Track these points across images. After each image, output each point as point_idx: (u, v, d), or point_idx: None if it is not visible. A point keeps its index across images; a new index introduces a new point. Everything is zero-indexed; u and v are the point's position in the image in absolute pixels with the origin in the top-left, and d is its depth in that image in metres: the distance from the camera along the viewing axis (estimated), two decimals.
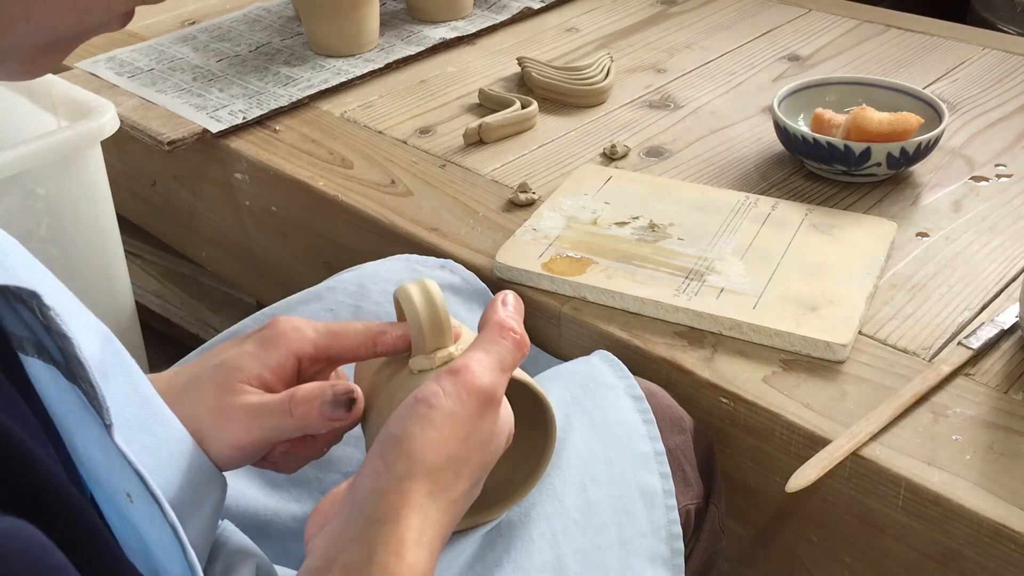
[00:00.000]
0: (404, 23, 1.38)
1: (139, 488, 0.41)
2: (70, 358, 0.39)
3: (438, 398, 0.46)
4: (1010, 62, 1.21)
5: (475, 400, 0.47)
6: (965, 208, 0.93)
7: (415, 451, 0.45)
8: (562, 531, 0.61)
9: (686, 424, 0.72)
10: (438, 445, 0.46)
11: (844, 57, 1.24)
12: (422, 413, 0.46)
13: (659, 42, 1.31)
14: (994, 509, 0.63)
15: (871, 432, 0.68)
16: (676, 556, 0.65)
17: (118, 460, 0.41)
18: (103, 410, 0.40)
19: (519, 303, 0.53)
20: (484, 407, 0.47)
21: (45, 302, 0.37)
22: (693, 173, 1.00)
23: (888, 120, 0.92)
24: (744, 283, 0.81)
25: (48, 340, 0.39)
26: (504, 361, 0.49)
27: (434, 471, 0.45)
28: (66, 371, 0.39)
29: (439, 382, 0.47)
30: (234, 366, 0.54)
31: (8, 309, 0.38)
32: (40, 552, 0.33)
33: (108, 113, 1.02)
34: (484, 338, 0.50)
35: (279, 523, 0.65)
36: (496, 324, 0.50)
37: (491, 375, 0.48)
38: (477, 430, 0.47)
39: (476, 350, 0.49)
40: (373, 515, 0.44)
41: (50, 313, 0.38)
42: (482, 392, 0.47)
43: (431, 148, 1.08)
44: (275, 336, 0.54)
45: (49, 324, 0.38)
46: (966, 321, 0.79)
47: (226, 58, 1.30)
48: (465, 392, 0.47)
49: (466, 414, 0.47)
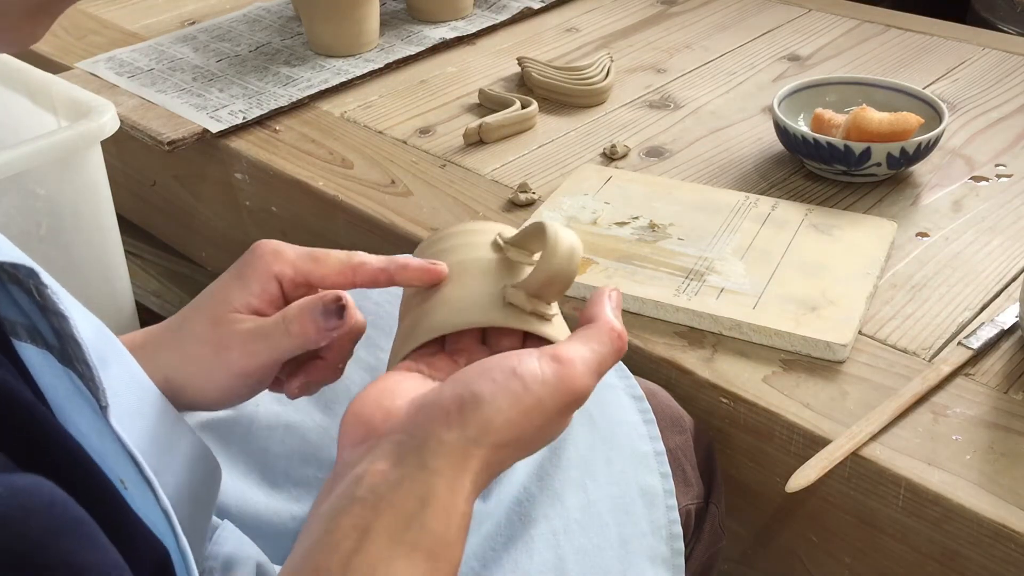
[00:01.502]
0: (404, 23, 1.38)
1: (133, 473, 0.41)
2: (66, 339, 0.38)
3: (535, 382, 0.44)
4: (1010, 62, 1.21)
5: (565, 398, 0.45)
6: (965, 208, 0.93)
7: (493, 423, 0.43)
8: (562, 531, 0.61)
9: (686, 424, 0.72)
10: (515, 427, 0.44)
11: (844, 57, 1.24)
12: (515, 390, 0.44)
13: (659, 42, 1.31)
14: (994, 509, 0.63)
15: (871, 432, 0.68)
16: (676, 556, 0.65)
17: (112, 446, 0.40)
18: (99, 391, 0.39)
19: (620, 298, 0.51)
20: (569, 407, 0.46)
21: (42, 280, 0.37)
22: (693, 173, 1.00)
23: (888, 120, 0.92)
24: (744, 283, 0.81)
25: (43, 322, 0.38)
26: (603, 366, 0.47)
27: (500, 447, 0.44)
28: (60, 355, 0.39)
29: (541, 364, 0.45)
30: (221, 299, 0.54)
31: (1, 291, 0.38)
32: (62, 506, 0.33)
33: (108, 113, 1.02)
34: (594, 336, 0.47)
35: (279, 523, 0.65)
36: (608, 325, 0.48)
37: (590, 379, 0.46)
38: (553, 424, 0.46)
39: (584, 346, 0.47)
40: (432, 464, 0.42)
41: (47, 291, 0.37)
42: (575, 393, 0.45)
43: (431, 148, 1.08)
44: (254, 261, 0.54)
45: (46, 303, 0.38)
46: (966, 321, 0.79)
47: (226, 58, 1.30)
48: (563, 387, 0.45)
49: (552, 408, 0.45)
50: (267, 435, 0.67)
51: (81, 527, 0.34)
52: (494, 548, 0.59)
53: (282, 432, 0.68)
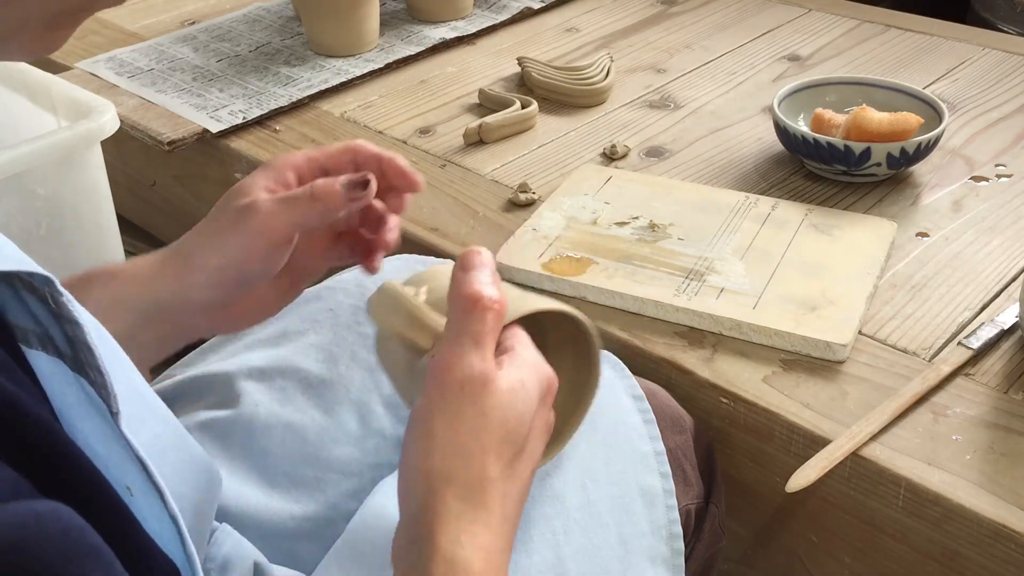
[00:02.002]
0: (404, 23, 1.38)
1: (140, 481, 0.41)
2: (79, 346, 0.39)
3: (426, 407, 0.46)
4: (1010, 62, 1.21)
5: (458, 391, 0.46)
6: (965, 208, 0.93)
7: (426, 467, 0.45)
8: (562, 531, 0.61)
9: (686, 424, 0.72)
10: (444, 451, 0.45)
11: (844, 57, 1.24)
12: (419, 428, 0.46)
13: (659, 42, 1.31)
14: (994, 509, 0.63)
15: (871, 432, 0.68)
16: (676, 556, 0.65)
17: (119, 453, 0.40)
18: (111, 397, 0.39)
19: (483, 257, 0.50)
20: (472, 392, 0.46)
21: (58, 288, 0.37)
22: (693, 173, 1.00)
23: (888, 120, 0.92)
24: (744, 283, 0.81)
25: (56, 330, 0.39)
26: (479, 335, 0.47)
27: (452, 476, 0.45)
28: (72, 362, 0.39)
29: (423, 388, 0.46)
30: (247, 188, 0.58)
31: (14, 299, 0.38)
32: (78, 533, 0.33)
33: (108, 113, 1.02)
34: (451, 318, 0.48)
35: (279, 523, 0.64)
36: (457, 299, 0.48)
37: (468, 359, 0.46)
38: (478, 416, 0.46)
39: (447, 336, 0.47)
40: (414, 535, 0.45)
41: (62, 299, 0.38)
42: (463, 380, 0.46)
43: (431, 148, 1.08)
44: (271, 160, 0.61)
45: (61, 311, 0.38)
46: (966, 321, 0.79)
47: (226, 58, 1.30)
48: (446, 388, 0.46)
49: (456, 408, 0.45)
50: (267, 435, 0.67)
51: (97, 554, 0.34)
52: None
53: (282, 432, 0.68)
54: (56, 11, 0.39)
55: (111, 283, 0.58)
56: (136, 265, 0.59)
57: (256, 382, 0.71)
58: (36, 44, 0.40)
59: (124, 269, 0.59)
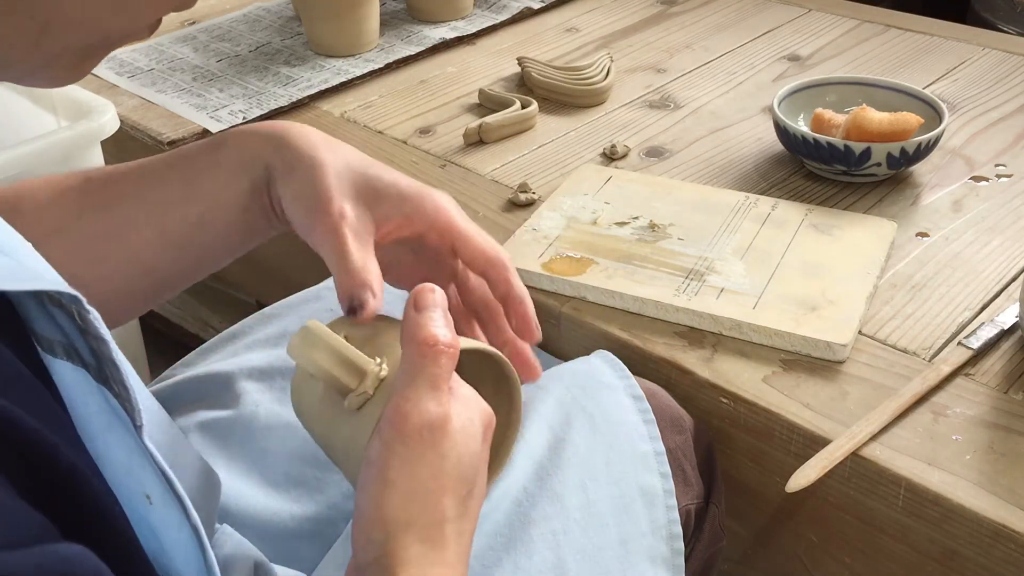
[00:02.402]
0: (404, 23, 1.38)
1: (160, 490, 0.41)
2: (104, 360, 0.39)
3: (384, 455, 0.45)
4: (1010, 62, 1.21)
5: (418, 438, 0.45)
6: (965, 208, 0.93)
7: (385, 516, 0.45)
8: (562, 531, 0.61)
9: (686, 424, 0.72)
10: (404, 499, 0.45)
11: (844, 57, 1.24)
12: (377, 476, 0.45)
13: (659, 42, 1.31)
14: (994, 509, 0.63)
15: (871, 432, 0.68)
16: (676, 556, 0.65)
17: (140, 462, 0.41)
18: (135, 412, 0.40)
19: (435, 297, 0.49)
20: (432, 437, 0.46)
21: (85, 306, 0.38)
22: (693, 173, 1.00)
23: (888, 120, 0.92)
24: (744, 283, 0.81)
25: (81, 343, 0.39)
26: (434, 379, 0.46)
27: (411, 521, 0.45)
28: (96, 373, 0.39)
29: (381, 437, 0.46)
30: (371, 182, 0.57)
31: (41, 312, 0.39)
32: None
33: (108, 113, 1.02)
34: (406, 361, 0.47)
35: (279, 523, 0.65)
36: (412, 343, 0.47)
37: (424, 404, 0.46)
38: (437, 460, 0.46)
39: (402, 384, 0.47)
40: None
41: (90, 317, 0.38)
42: (423, 427, 0.45)
43: (431, 148, 1.08)
44: (421, 201, 0.58)
45: (87, 327, 0.38)
46: (966, 321, 0.79)
47: (226, 58, 1.30)
48: (407, 437, 0.45)
49: (417, 455, 0.45)
50: (267, 435, 0.68)
51: None
52: (494, 548, 0.59)
53: (282, 432, 0.68)
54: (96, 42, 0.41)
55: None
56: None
57: (256, 382, 0.71)
58: (68, 73, 0.42)
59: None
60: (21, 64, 0.40)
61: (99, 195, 0.60)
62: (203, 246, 0.60)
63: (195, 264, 0.61)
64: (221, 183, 0.58)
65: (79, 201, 0.60)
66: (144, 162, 0.61)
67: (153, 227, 0.59)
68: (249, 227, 0.59)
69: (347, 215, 0.55)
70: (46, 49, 0.39)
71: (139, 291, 0.62)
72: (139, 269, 0.60)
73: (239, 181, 0.58)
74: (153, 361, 1.25)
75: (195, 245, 0.60)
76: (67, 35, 0.39)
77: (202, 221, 0.59)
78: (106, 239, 0.59)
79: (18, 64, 0.40)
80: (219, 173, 0.58)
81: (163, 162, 0.60)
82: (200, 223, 0.59)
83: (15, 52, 0.39)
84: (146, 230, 0.59)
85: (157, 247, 0.59)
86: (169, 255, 0.60)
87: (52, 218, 0.59)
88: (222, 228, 0.59)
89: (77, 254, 0.59)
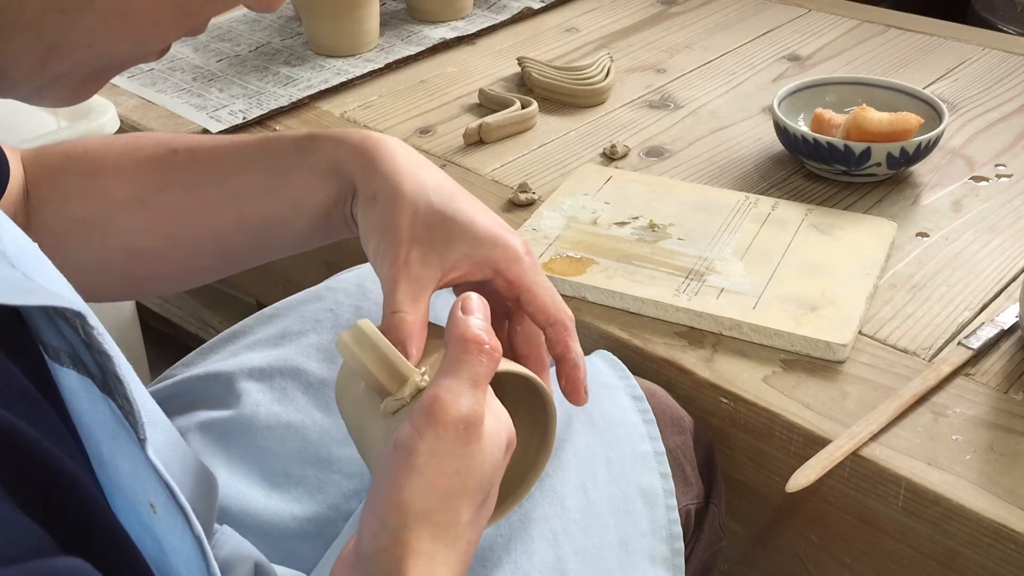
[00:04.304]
0: (404, 23, 1.38)
1: (164, 499, 0.41)
2: (108, 374, 0.39)
3: (414, 441, 0.45)
4: (1010, 62, 1.21)
5: (453, 431, 0.45)
6: (965, 208, 0.93)
7: (404, 502, 0.44)
8: (562, 531, 0.61)
9: (686, 424, 0.72)
10: (427, 489, 0.44)
11: (844, 57, 1.24)
12: (403, 460, 0.45)
13: (659, 42, 1.31)
14: (994, 509, 0.63)
15: (871, 432, 0.68)
16: (676, 556, 0.65)
17: (145, 472, 0.41)
18: (139, 425, 0.40)
19: (481, 304, 0.50)
20: (465, 434, 0.45)
21: (89, 322, 0.38)
22: (693, 173, 1.00)
23: (888, 120, 0.92)
24: (744, 283, 0.81)
25: (86, 355, 0.39)
26: (476, 377, 0.47)
27: (429, 514, 0.44)
28: (102, 384, 0.40)
29: (413, 423, 0.45)
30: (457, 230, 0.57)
31: (48, 323, 0.39)
32: None
33: (108, 113, 1.02)
34: (450, 358, 0.47)
35: (279, 523, 0.65)
36: (459, 340, 0.47)
37: (464, 399, 0.46)
38: (465, 458, 0.45)
39: (444, 375, 0.47)
40: (379, 567, 0.43)
41: (93, 332, 0.38)
42: (459, 420, 0.45)
43: (431, 148, 1.08)
44: (493, 249, 0.57)
45: (91, 342, 0.38)
46: (966, 321, 0.79)
47: (226, 58, 1.30)
48: (441, 427, 0.45)
49: (447, 448, 0.45)
50: (267, 435, 0.68)
51: None
52: (494, 548, 0.59)
53: (282, 432, 0.68)
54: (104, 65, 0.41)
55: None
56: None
57: (256, 382, 0.71)
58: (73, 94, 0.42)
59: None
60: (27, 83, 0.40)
61: (183, 173, 0.62)
62: (281, 238, 0.63)
63: (270, 252, 0.65)
64: (308, 187, 0.60)
65: (163, 175, 0.62)
66: (228, 144, 0.63)
67: (234, 213, 0.61)
68: (329, 230, 0.62)
69: (411, 263, 0.55)
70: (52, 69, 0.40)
71: (211, 267, 0.65)
72: (216, 248, 0.63)
73: (326, 189, 0.60)
74: (153, 361, 1.25)
75: (274, 236, 0.62)
76: (74, 57, 0.39)
77: (284, 219, 0.61)
78: (187, 216, 0.62)
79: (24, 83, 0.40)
80: (307, 177, 0.60)
81: (248, 151, 0.62)
82: (282, 220, 0.61)
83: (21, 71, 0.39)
84: (227, 215, 0.61)
85: (236, 232, 0.62)
86: (248, 241, 0.62)
87: (134, 187, 0.62)
88: (302, 228, 0.61)
89: (157, 226, 0.61)
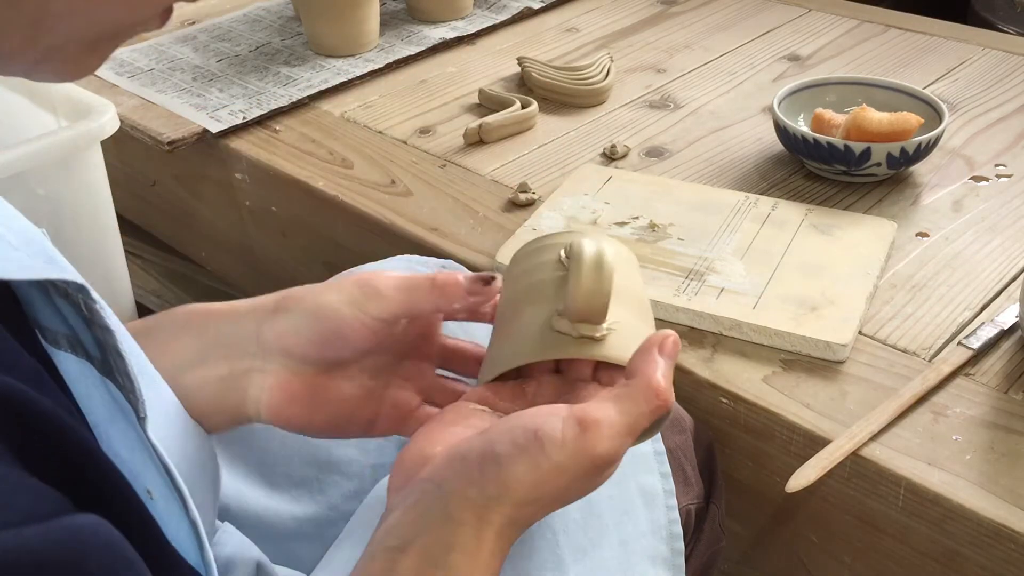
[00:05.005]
0: (404, 23, 1.38)
1: (161, 485, 0.41)
2: (109, 351, 0.39)
3: (554, 447, 0.44)
4: (1010, 62, 1.21)
5: (589, 462, 0.45)
6: (965, 208, 0.93)
7: (511, 484, 0.44)
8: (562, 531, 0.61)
9: (686, 424, 0.72)
10: (535, 488, 0.45)
11: (844, 57, 1.24)
12: (533, 452, 0.44)
13: (659, 42, 1.31)
14: (994, 509, 0.63)
15: (871, 432, 0.68)
16: (676, 556, 0.65)
17: (142, 456, 0.41)
18: (139, 403, 0.40)
19: (676, 348, 0.48)
20: (596, 470, 0.46)
21: (91, 295, 0.38)
22: (693, 173, 1.00)
23: (888, 120, 0.92)
24: (744, 283, 0.81)
25: (86, 335, 0.39)
26: (636, 427, 0.46)
27: (522, 504, 0.45)
28: (100, 365, 0.39)
29: (564, 428, 0.45)
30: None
31: (46, 304, 0.39)
32: (119, 547, 0.34)
33: (108, 113, 1.02)
34: (628, 395, 0.46)
35: (279, 523, 0.65)
36: (646, 382, 0.46)
37: (617, 442, 0.45)
38: (577, 483, 0.46)
39: (614, 407, 0.46)
40: (457, 516, 0.44)
41: (96, 306, 0.38)
42: (599, 458, 0.45)
43: (431, 148, 1.08)
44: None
45: (93, 317, 0.38)
46: (966, 321, 0.79)
47: (226, 58, 1.30)
48: (583, 453, 0.45)
49: (574, 472, 0.45)
50: (267, 435, 0.67)
51: (134, 567, 0.34)
52: None
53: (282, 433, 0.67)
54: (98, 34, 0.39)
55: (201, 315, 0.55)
56: (232, 304, 0.55)
57: None
58: (72, 67, 0.40)
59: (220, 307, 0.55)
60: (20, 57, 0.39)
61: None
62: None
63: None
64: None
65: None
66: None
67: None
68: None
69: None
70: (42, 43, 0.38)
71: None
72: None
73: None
74: None
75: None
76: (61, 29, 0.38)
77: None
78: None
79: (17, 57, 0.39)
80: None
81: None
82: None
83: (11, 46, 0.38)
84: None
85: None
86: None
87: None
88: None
89: None
